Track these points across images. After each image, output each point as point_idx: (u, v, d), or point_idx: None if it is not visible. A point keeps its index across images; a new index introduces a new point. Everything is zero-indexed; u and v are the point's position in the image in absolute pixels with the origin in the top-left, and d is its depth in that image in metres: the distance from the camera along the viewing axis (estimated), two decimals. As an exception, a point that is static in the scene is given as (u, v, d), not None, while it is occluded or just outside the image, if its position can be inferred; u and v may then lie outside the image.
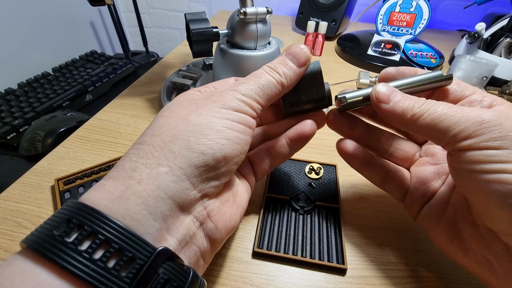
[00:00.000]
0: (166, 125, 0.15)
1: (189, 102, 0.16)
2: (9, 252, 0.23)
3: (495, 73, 0.50)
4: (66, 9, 0.92)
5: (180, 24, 1.19)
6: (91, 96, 0.71)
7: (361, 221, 0.26)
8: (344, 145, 0.22)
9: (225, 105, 0.16)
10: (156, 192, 0.13)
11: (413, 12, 0.56)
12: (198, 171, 0.14)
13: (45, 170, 0.30)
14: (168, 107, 0.17)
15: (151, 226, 0.13)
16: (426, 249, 0.24)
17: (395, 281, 0.22)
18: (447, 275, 0.22)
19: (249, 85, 0.17)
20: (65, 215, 0.12)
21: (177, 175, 0.14)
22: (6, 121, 0.56)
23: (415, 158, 0.23)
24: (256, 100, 0.17)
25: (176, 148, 0.14)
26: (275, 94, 0.18)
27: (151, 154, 0.14)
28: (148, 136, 0.15)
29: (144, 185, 0.13)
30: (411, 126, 0.17)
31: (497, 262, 0.16)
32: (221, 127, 0.15)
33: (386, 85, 0.18)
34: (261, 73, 0.18)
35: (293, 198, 0.27)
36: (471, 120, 0.15)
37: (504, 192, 0.14)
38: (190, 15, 0.33)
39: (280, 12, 1.02)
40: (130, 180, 0.13)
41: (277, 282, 0.21)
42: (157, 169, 0.13)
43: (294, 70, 0.18)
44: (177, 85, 0.43)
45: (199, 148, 0.14)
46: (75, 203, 0.12)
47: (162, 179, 0.13)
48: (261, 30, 0.34)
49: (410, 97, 0.17)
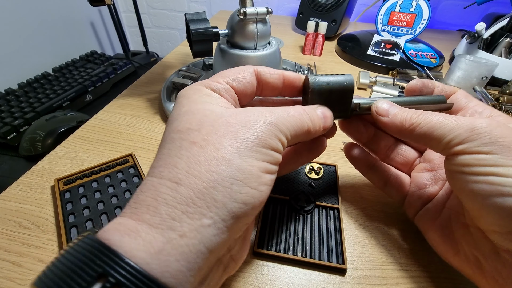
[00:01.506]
0: (205, 163, 0.13)
1: (225, 128, 0.14)
2: (9, 252, 0.23)
3: (495, 73, 0.50)
4: (66, 9, 0.92)
5: (180, 24, 1.19)
6: (91, 96, 0.71)
7: (361, 221, 0.26)
8: (350, 149, 0.25)
9: (264, 144, 0.14)
10: (197, 247, 0.12)
11: (413, 12, 0.56)
12: (238, 221, 0.13)
13: (45, 170, 0.30)
14: (198, 123, 0.14)
15: (187, 283, 0.12)
16: (426, 249, 0.24)
17: (395, 281, 0.22)
18: (447, 275, 0.22)
19: (284, 120, 0.16)
20: (96, 265, 0.10)
21: (219, 227, 0.13)
22: (6, 121, 0.56)
23: (415, 164, 0.25)
24: (287, 136, 0.16)
25: (219, 196, 0.13)
26: (300, 136, 0.17)
27: (191, 200, 0.12)
28: (184, 174, 0.13)
29: (187, 240, 0.12)
30: (409, 135, 0.19)
31: (485, 260, 0.17)
32: (261, 172, 0.14)
33: (385, 101, 0.20)
34: (296, 111, 0.17)
35: (293, 198, 0.27)
36: (464, 128, 0.16)
37: (490, 192, 0.15)
38: (190, 15, 0.33)
39: (280, 12, 1.02)
40: (171, 232, 0.12)
41: (277, 282, 0.21)
42: (200, 221, 0.12)
43: (320, 128, 0.18)
44: (177, 85, 0.43)
45: (242, 197, 0.13)
46: (104, 249, 0.11)
47: (205, 232, 0.12)
48: (261, 30, 0.34)
49: (407, 109, 0.19)
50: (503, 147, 0.15)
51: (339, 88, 0.19)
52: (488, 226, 0.16)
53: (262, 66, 0.20)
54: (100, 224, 0.24)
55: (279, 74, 0.20)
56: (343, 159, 0.33)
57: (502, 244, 0.16)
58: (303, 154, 0.22)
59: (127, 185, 0.28)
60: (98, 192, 0.27)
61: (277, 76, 0.19)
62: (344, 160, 0.33)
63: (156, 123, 0.38)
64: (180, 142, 0.14)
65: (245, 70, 0.19)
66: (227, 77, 0.18)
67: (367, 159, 0.25)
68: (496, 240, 0.16)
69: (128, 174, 0.29)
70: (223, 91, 0.17)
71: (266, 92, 0.20)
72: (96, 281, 0.10)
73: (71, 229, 0.24)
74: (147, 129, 0.37)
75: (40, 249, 0.23)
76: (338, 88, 0.19)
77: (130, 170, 0.29)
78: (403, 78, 0.50)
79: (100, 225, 0.24)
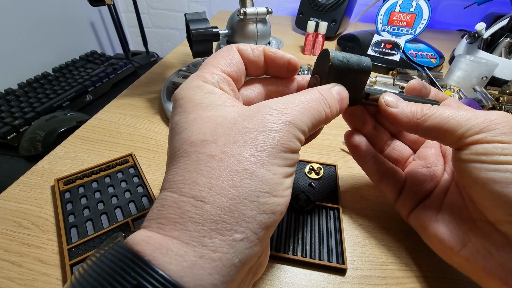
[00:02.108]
0: (227, 178, 0.12)
1: (243, 136, 0.13)
2: (9, 252, 0.23)
3: (495, 73, 0.50)
4: (66, 9, 0.92)
5: (180, 24, 1.19)
6: (91, 96, 0.71)
7: (361, 221, 0.26)
8: (351, 136, 0.24)
9: (285, 148, 0.14)
10: (231, 261, 0.12)
11: (413, 12, 0.56)
12: (268, 230, 0.13)
13: (45, 170, 0.30)
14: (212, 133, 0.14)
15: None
16: (426, 249, 0.24)
17: (395, 281, 0.22)
18: (447, 275, 0.22)
19: (302, 115, 0.15)
20: (130, 277, 0.10)
21: (251, 240, 0.12)
22: (6, 121, 0.56)
23: (409, 161, 0.25)
24: (305, 132, 0.15)
25: (247, 211, 0.12)
26: (318, 125, 0.16)
27: (220, 218, 0.12)
28: (207, 191, 0.12)
29: (220, 254, 0.12)
30: (419, 126, 0.19)
31: (497, 252, 0.17)
32: (284, 178, 0.14)
33: (392, 95, 0.20)
34: (312, 100, 0.16)
35: (293, 198, 0.27)
36: (482, 118, 0.16)
37: (511, 180, 0.15)
38: (190, 15, 0.33)
39: (280, 12, 1.02)
40: (203, 248, 0.11)
41: (277, 282, 0.21)
42: (231, 236, 0.12)
43: (337, 111, 0.17)
44: (177, 85, 0.43)
45: (270, 208, 0.13)
46: (138, 261, 0.11)
47: (238, 246, 0.12)
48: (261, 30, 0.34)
49: (416, 103, 0.20)
50: None
51: (357, 69, 0.18)
52: (502, 217, 0.16)
53: (244, 43, 0.18)
54: (100, 224, 0.24)
55: (260, 50, 0.18)
56: (343, 159, 0.33)
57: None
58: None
59: (127, 185, 0.28)
60: (98, 192, 0.27)
61: (260, 52, 0.18)
62: (344, 160, 0.33)
63: (156, 123, 0.38)
64: (196, 156, 0.13)
65: (230, 51, 0.18)
66: (218, 65, 0.17)
67: (367, 149, 0.24)
68: (508, 231, 0.16)
69: (128, 174, 0.29)
70: (221, 83, 0.16)
71: (250, 71, 0.19)
72: None
73: (71, 229, 0.24)
74: (147, 129, 0.37)
75: (40, 249, 0.23)
76: (357, 68, 0.18)
77: (130, 170, 0.29)
78: (403, 78, 0.50)
79: (100, 225, 0.24)
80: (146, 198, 0.27)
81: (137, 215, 0.25)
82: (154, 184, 0.29)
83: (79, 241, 0.23)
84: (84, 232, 0.23)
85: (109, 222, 0.24)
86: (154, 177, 0.30)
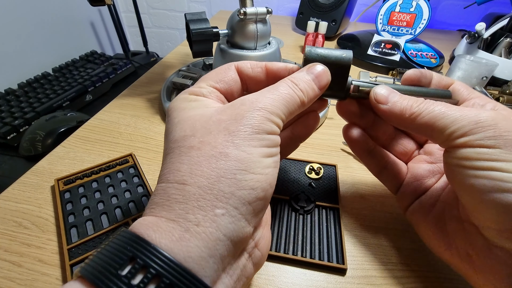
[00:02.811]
0: (205, 162, 0.14)
1: (217, 126, 0.15)
2: (9, 252, 0.23)
3: (495, 73, 0.50)
4: (66, 9, 0.92)
5: (180, 24, 1.19)
6: (91, 96, 0.71)
7: (361, 221, 0.26)
8: (350, 130, 0.23)
9: (258, 130, 0.15)
10: (215, 235, 0.13)
11: (413, 12, 0.56)
12: (251, 207, 0.14)
13: (45, 170, 0.30)
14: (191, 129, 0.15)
15: (211, 269, 0.13)
16: (426, 249, 0.24)
17: (395, 281, 0.22)
18: (447, 275, 0.22)
19: (273, 101, 0.16)
20: (127, 250, 0.12)
21: (233, 215, 0.13)
22: (6, 121, 0.56)
23: (414, 155, 0.24)
24: (280, 117, 0.16)
25: (225, 188, 0.13)
26: (295, 111, 0.17)
27: (201, 196, 0.13)
28: (188, 175, 0.14)
29: (203, 228, 0.13)
30: (409, 125, 0.18)
31: (476, 256, 0.17)
32: (261, 157, 0.14)
33: (385, 87, 0.19)
34: (283, 87, 0.17)
35: (293, 198, 0.27)
36: (468, 119, 0.16)
37: (490, 187, 0.15)
38: (190, 15, 0.33)
39: (280, 12, 1.02)
40: (187, 223, 0.13)
41: (277, 282, 0.21)
42: (213, 211, 0.13)
43: (315, 91, 0.18)
44: (177, 85, 0.43)
45: (248, 184, 0.14)
46: (134, 237, 0.12)
47: (220, 220, 0.13)
48: (261, 30, 0.34)
49: (408, 97, 0.18)
50: (507, 141, 0.15)
51: (335, 62, 0.18)
52: (484, 222, 0.16)
53: (244, 61, 0.19)
54: (100, 224, 0.24)
55: (262, 67, 0.19)
56: (343, 159, 0.33)
57: (496, 241, 0.16)
58: (297, 132, 0.21)
59: (127, 185, 0.28)
60: (98, 192, 0.27)
61: (260, 69, 0.19)
62: (344, 160, 0.33)
63: (156, 123, 0.38)
64: (179, 150, 0.15)
65: (227, 69, 0.19)
66: (209, 80, 0.18)
67: (366, 143, 0.23)
68: (490, 237, 0.16)
69: (128, 174, 0.29)
70: (208, 94, 0.18)
71: (251, 87, 0.20)
72: (128, 264, 0.11)
73: (71, 229, 0.24)
74: (147, 129, 0.37)
75: (40, 249, 0.23)
76: (334, 61, 0.18)
77: (130, 170, 0.29)
78: (403, 78, 0.50)
79: (100, 225, 0.24)
80: (146, 198, 0.27)
81: (137, 215, 0.25)
82: (154, 184, 0.29)
83: (79, 241, 0.23)
84: (84, 232, 0.23)
85: (109, 222, 0.24)
86: (154, 177, 0.30)
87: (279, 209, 0.26)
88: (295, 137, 0.21)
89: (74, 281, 0.12)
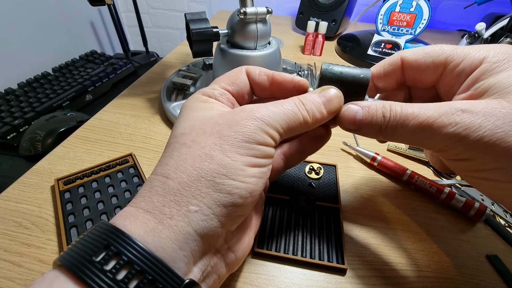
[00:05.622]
0: (191, 160, 0.15)
1: (211, 128, 0.15)
2: (9, 252, 0.23)
3: (495, 73, 0.50)
4: (66, 9, 0.92)
5: (180, 24, 1.19)
6: (91, 96, 0.71)
7: (361, 221, 0.26)
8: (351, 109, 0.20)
9: (248, 139, 0.15)
10: (186, 229, 0.14)
11: (413, 12, 0.56)
12: (226, 210, 0.14)
13: (45, 170, 0.30)
14: (190, 128, 0.16)
15: (181, 261, 0.13)
16: (426, 249, 0.24)
17: (395, 281, 0.22)
18: (447, 275, 0.22)
19: (273, 114, 0.16)
20: (102, 239, 0.13)
21: (206, 214, 0.14)
22: (6, 121, 0.56)
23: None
24: (278, 130, 0.16)
25: (203, 188, 0.14)
26: (296, 128, 0.17)
27: (178, 191, 0.14)
28: (173, 170, 0.15)
29: (176, 221, 0.14)
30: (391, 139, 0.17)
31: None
32: (245, 166, 0.15)
33: (349, 108, 0.18)
34: (288, 103, 0.17)
35: (293, 198, 0.27)
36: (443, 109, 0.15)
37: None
38: (190, 15, 0.33)
39: (280, 12, 1.02)
40: (162, 216, 0.14)
41: (277, 282, 0.21)
42: (187, 207, 0.14)
43: (323, 114, 0.17)
44: (177, 85, 0.43)
45: (226, 188, 0.14)
46: (110, 228, 0.13)
47: (192, 216, 0.14)
48: (261, 30, 0.34)
49: (377, 111, 0.17)
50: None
51: (352, 81, 0.18)
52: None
53: (257, 66, 0.20)
54: (100, 224, 0.24)
55: (268, 74, 0.19)
56: (343, 159, 0.33)
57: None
58: (306, 145, 0.21)
59: (127, 185, 0.28)
60: (98, 192, 0.27)
61: (265, 77, 0.19)
62: (344, 160, 0.33)
63: (156, 123, 0.38)
64: (173, 145, 0.16)
65: (238, 71, 0.19)
66: (221, 82, 0.19)
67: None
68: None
69: (128, 174, 0.29)
70: (219, 96, 0.18)
71: (257, 92, 0.20)
72: (102, 251, 0.12)
73: (71, 229, 0.24)
74: (147, 129, 0.37)
75: (40, 249, 0.23)
76: (351, 80, 0.18)
77: (130, 170, 0.29)
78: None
79: (100, 225, 0.24)
80: (146, 198, 0.27)
81: (137, 215, 0.25)
82: (154, 184, 0.29)
83: (79, 241, 0.23)
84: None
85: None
86: (154, 177, 0.30)
87: (279, 209, 0.26)
88: (303, 150, 0.21)
89: (53, 270, 0.12)
